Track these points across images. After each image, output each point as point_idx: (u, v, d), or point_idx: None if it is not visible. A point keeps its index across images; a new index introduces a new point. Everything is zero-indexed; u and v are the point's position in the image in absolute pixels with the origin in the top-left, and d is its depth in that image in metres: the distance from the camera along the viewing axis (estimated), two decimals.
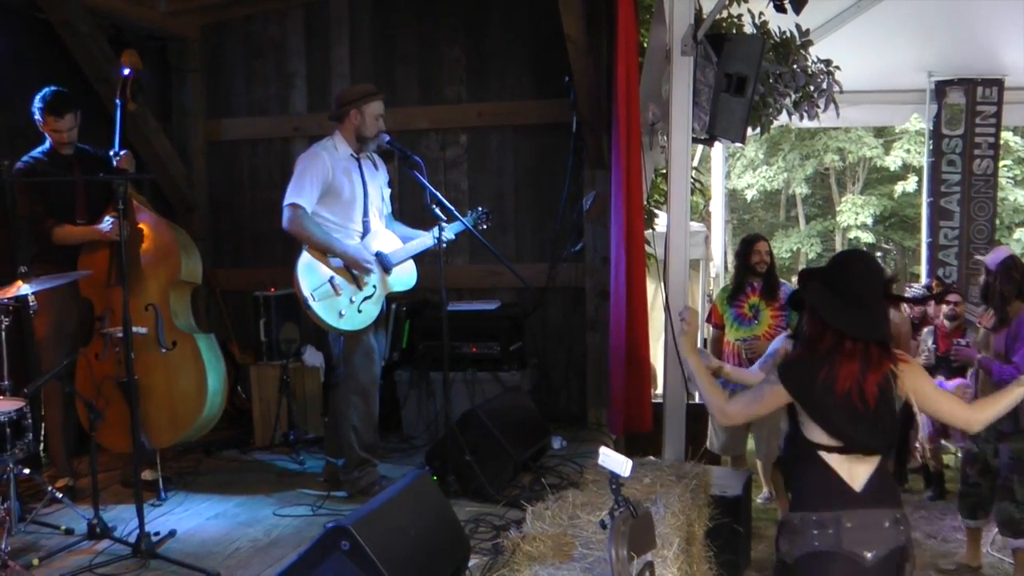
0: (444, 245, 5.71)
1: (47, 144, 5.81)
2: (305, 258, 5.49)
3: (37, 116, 5.73)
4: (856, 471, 3.60)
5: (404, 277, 5.91)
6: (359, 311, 5.58)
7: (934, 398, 3.76)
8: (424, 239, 5.88)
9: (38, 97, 5.72)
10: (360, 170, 5.76)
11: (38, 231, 5.67)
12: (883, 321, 3.68)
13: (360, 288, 5.60)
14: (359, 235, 5.72)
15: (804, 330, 3.92)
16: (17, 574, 4.40)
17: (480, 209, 6.10)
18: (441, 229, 5.68)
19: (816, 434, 3.64)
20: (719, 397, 3.96)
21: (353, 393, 5.68)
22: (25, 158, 5.80)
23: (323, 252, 5.52)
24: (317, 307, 5.41)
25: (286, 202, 5.50)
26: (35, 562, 4.57)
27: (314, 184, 5.51)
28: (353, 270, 5.58)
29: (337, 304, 5.49)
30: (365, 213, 5.75)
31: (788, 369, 3.72)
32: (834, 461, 3.62)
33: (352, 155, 5.73)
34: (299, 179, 5.53)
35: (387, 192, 6.07)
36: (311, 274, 5.46)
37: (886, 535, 3.58)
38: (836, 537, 3.55)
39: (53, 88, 5.75)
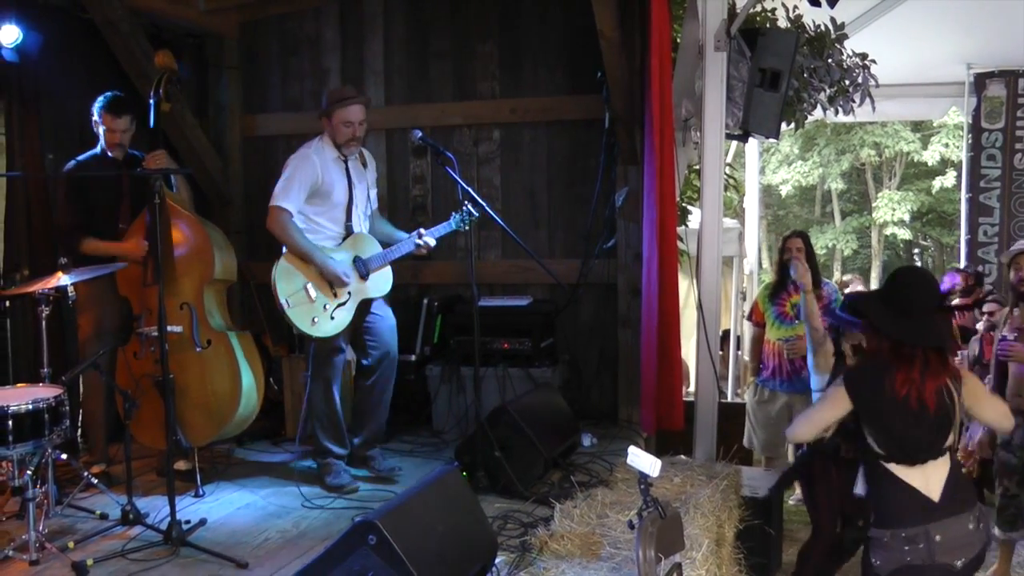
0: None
1: (97, 148, 5.93)
2: (282, 264, 5.66)
3: (96, 116, 5.87)
4: (931, 480, 3.70)
5: (380, 282, 6.00)
6: (332, 318, 5.70)
7: (985, 402, 3.88)
8: (403, 244, 6.00)
9: (99, 99, 5.86)
10: (347, 172, 5.90)
11: (68, 244, 5.74)
12: (938, 330, 3.75)
13: (334, 296, 5.71)
14: (341, 237, 5.87)
15: (863, 345, 4.06)
16: (54, 556, 4.52)
17: (466, 208, 5.91)
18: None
19: (874, 443, 3.77)
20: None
21: (317, 391, 5.85)
22: (73, 161, 5.92)
23: (302, 259, 5.65)
24: (291, 313, 5.58)
25: (272, 203, 5.67)
26: (71, 545, 4.67)
27: (302, 187, 5.68)
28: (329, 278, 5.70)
29: (311, 311, 5.63)
30: (348, 217, 5.90)
31: (852, 375, 3.90)
32: (905, 474, 3.71)
33: (338, 157, 5.88)
34: (287, 182, 5.69)
35: (374, 192, 6.20)
36: (287, 280, 5.62)
37: (973, 539, 3.69)
38: (928, 550, 3.66)
39: (113, 92, 5.90)
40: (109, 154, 5.91)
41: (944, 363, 3.72)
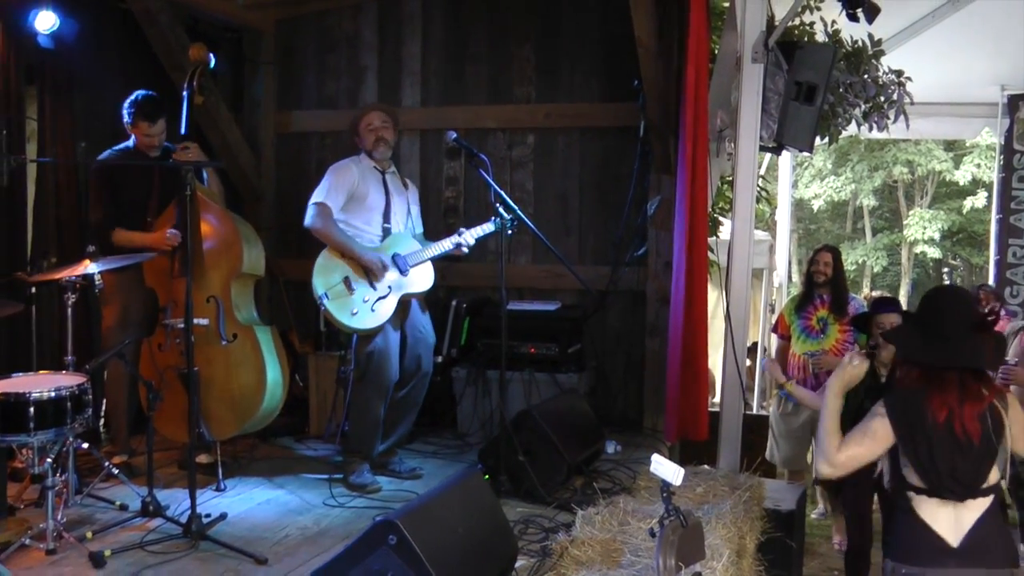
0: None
1: (131, 143, 5.96)
2: (321, 259, 5.74)
3: (127, 119, 5.89)
4: (959, 521, 3.44)
5: (421, 279, 6.02)
6: (372, 310, 5.73)
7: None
8: (443, 243, 6.05)
9: (130, 101, 5.89)
10: (384, 182, 6.02)
11: (100, 236, 5.75)
12: (973, 350, 3.50)
13: (374, 288, 5.75)
14: (379, 239, 5.93)
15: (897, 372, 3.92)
16: (71, 546, 4.52)
17: (506, 216, 5.85)
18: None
19: (912, 475, 3.52)
20: (834, 442, 3.68)
21: (359, 391, 5.87)
22: (108, 152, 5.96)
23: (341, 252, 5.74)
24: (330, 305, 5.66)
25: (312, 200, 5.81)
26: (89, 535, 4.68)
27: (340, 189, 5.83)
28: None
29: (350, 303, 5.68)
30: (386, 219, 5.99)
31: (894, 401, 3.61)
32: (931, 509, 3.47)
33: (375, 168, 6.01)
34: (327, 183, 5.88)
35: (415, 210, 6.28)
36: (326, 273, 5.70)
37: None
38: None
39: (144, 93, 5.92)
40: (145, 154, 5.95)
41: (985, 385, 3.48)
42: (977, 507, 3.45)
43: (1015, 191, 10.20)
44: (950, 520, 3.45)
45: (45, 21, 6.02)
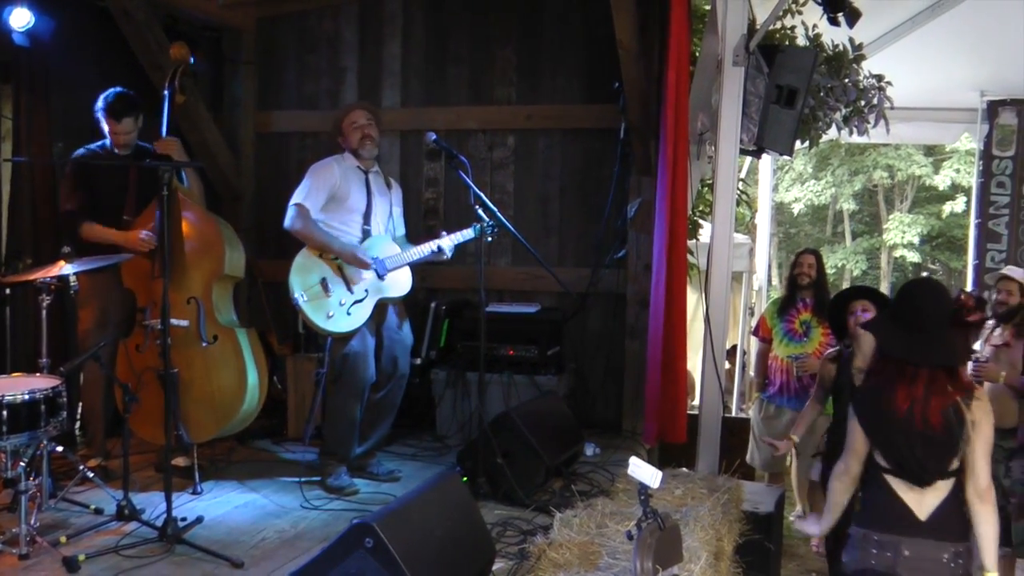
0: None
1: (107, 141, 5.89)
2: (298, 260, 5.71)
3: (98, 115, 5.81)
4: (925, 499, 3.66)
5: (399, 283, 5.99)
6: (348, 313, 5.70)
7: (980, 451, 3.66)
8: (422, 247, 6.01)
9: (102, 96, 5.81)
10: (367, 183, 5.97)
11: (69, 227, 5.71)
12: (946, 348, 3.68)
13: (351, 291, 5.72)
14: (358, 241, 5.89)
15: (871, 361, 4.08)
16: (44, 551, 4.47)
17: (487, 222, 5.90)
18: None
19: (880, 457, 3.73)
20: (840, 490, 4.00)
21: (334, 393, 5.87)
22: (82, 149, 5.89)
23: (321, 251, 5.72)
24: (306, 307, 5.63)
25: (291, 202, 5.77)
26: (63, 540, 4.62)
27: (320, 190, 5.79)
28: (346, 273, 5.74)
29: (326, 305, 5.66)
30: (367, 221, 5.95)
31: (857, 400, 3.88)
32: (901, 486, 3.68)
33: (358, 167, 5.97)
34: (307, 184, 5.84)
35: (398, 211, 6.23)
36: (303, 274, 5.68)
37: (942, 570, 3.61)
38: (893, 561, 3.64)
39: (117, 90, 5.85)
40: (116, 151, 5.88)
41: (953, 381, 3.64)
42: (942, 488, 3.66)
43: (994, 196, 10.24)
44: (917, 497, 3.67)
45: (20, 18, 5.94)
